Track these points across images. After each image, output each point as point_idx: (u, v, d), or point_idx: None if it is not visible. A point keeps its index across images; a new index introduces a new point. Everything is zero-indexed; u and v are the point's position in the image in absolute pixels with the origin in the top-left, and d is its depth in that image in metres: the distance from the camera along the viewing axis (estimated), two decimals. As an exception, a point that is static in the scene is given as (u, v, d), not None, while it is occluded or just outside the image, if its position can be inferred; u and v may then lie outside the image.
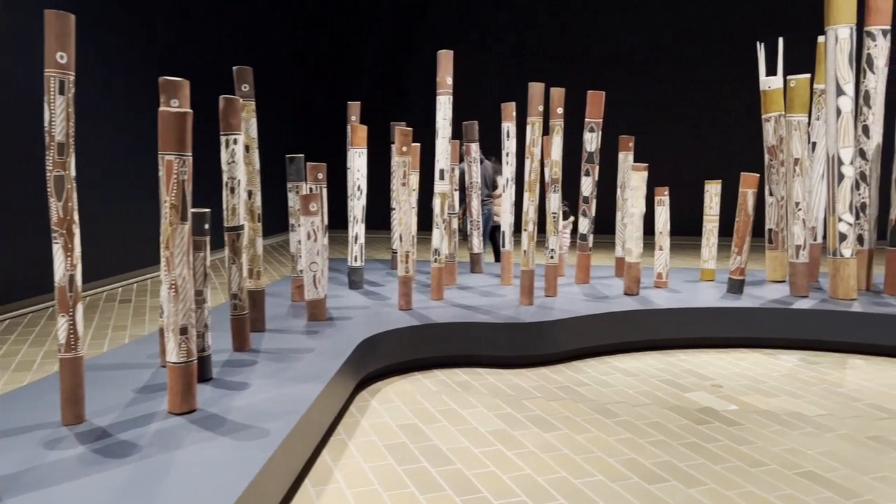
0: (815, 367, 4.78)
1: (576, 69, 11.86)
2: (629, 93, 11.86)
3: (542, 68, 11.93)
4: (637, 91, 12.16)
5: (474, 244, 6.53)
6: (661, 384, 4.41)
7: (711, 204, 6.12)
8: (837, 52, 5.28)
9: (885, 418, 3.85)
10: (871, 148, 5.64)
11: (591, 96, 5.88)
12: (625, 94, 11.51)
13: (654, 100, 12.31)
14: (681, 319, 5.19)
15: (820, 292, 5.68)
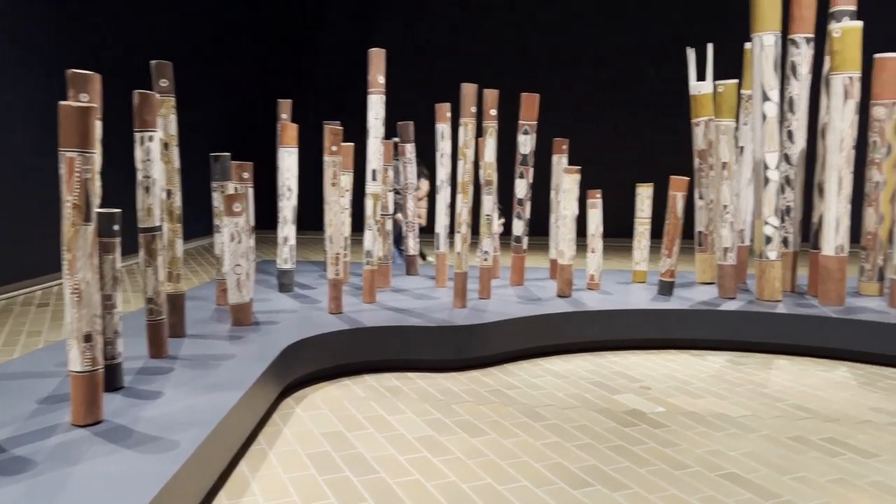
0: (741, 368, 4.86)
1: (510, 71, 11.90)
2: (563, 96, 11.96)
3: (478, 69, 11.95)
4: (571, 94, 12.27)
5: (410, 246, 6.45)
6: (591, 386, 4.42)
7: (643, 207, 6.18)
8: (763, 59, 5.39)
9: (806, 418, 3.92)
10: (796, 153, 5.79)
11: (525, 98, 5.87)
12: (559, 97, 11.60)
13: (588, 103, 12.45)
14: (612, 321, 5.21)
15: (747, 294, 5.80)
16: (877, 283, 5.81)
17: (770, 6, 5.33)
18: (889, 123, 5.47)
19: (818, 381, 4.61)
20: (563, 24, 12.73)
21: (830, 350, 5.08)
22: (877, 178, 5.61)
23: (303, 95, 10.91)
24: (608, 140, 12.31)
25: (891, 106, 5.44)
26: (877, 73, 5.45)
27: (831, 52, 5.43)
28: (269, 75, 13.08)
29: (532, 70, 12.23)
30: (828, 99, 5.57)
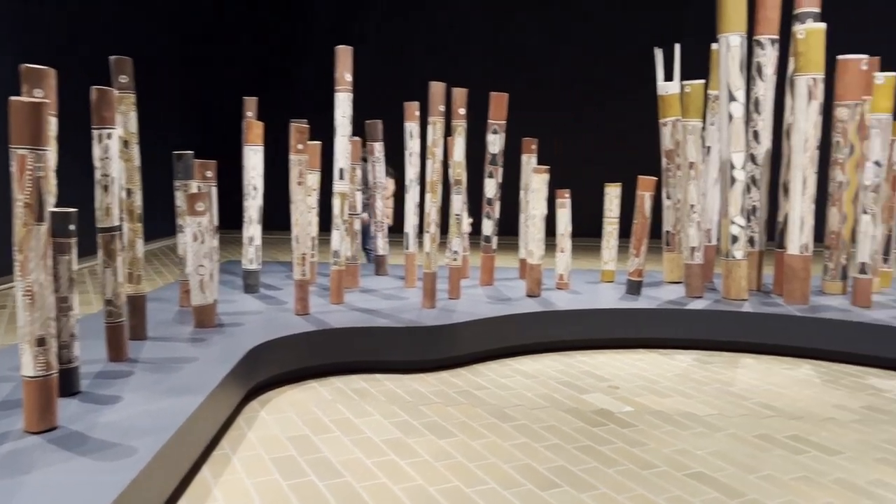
0: (707, 367, 4.89)
1: (480, 71, 11.89)
2: (533, 95, 11.98)
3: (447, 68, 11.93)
4: (541, 94, 12.29)
5: (378, 245, 6.40)
6: (560, 386, 4.41)
7: (611, 206, 6.20)
8: (729, 60, 5.44)
9: (771, 416, 3.95)
10: (761, 153, 5.85)
11: (494, 98, 5.85)
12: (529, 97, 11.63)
13: (558, 103, 12.48)
14: (581, 321, 5.22)
15: (714, 293, 5.84)
16: (840, 282, 5.90)
17: (736, 7, 5.38)
18: (852, 124, 5.54)
19: (783, 379, 4.66)
20: (533, 24, 12.77)
21: (795, 348, 5.13)
22: (840, 178, 5.69)
23: (271, 93, 10.78)
24: (577, 140, 12.35)
25: (853, 107, 5.52)
26: (839, 74, 5.53)
27: (796, 53, 5.50)
28: (237, 72, 12.91)
29: (501, 70, 12.23)
30: (792, 100, 5.64)
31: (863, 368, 4.86)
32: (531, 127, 7.07)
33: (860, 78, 5.48)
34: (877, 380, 4.64)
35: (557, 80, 12.61)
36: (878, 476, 3.19)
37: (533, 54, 12.66)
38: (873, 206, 5.47)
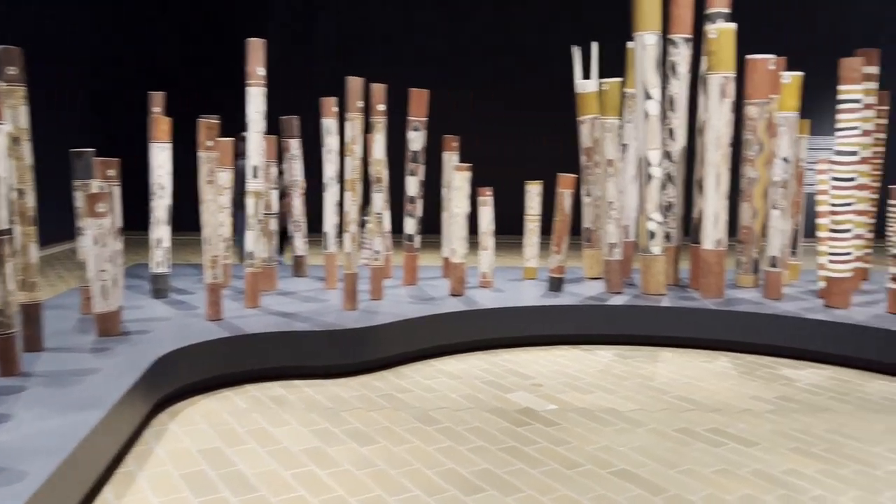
0: (628, 362, 4.94)
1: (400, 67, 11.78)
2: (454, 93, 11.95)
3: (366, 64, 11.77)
4: (462, 91, 12.26)
5: (298, 246, 6.21)
6: (484, 386, 4.35)
7: (532, 204, 6.21)
8: (644, 58, 5.51)
9: (691, 409, 4.01)
10: (677, 150, 5.96)
11: (415, 94, 5.75)
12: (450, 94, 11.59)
13: (479, 100, 12.47)
14: (504, 319, 5.18)
15: (633, 288, 5.92)
16: (752, 275, 6.08)
17: (651, 6, 5.45)
18: (761, 122, 5.72)
19: (701, 371, 4.75)
20: (453, 21, 12.73)
21: (712, 341, 5.25)
22: (751, 174, 5.86)
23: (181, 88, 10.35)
24: (499, 137, 12.37)
25: (762, 105, 5.69)
26: (749, 73, 5.69)
27: (708, 52, 5.62)
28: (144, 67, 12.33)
29: (422, 66, 12.13)
30: (706, 98, 5.77)
31: (776, 359, 5.01)
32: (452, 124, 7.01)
33: (768, 77, 5.66)
34: (789, 370, 4.78)
35: (479, 77, 12.61)
36: (791, 465, 3.26)
37: (454, 51, 12.63)
38: (782, 201, 5.65)
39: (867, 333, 4.76)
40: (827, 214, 5.52)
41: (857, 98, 5.21)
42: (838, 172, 5.24)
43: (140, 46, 12.43)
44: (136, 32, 12.50)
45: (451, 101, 11.98)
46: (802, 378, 4.61)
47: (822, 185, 5.74)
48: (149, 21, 12.52)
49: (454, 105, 11.58)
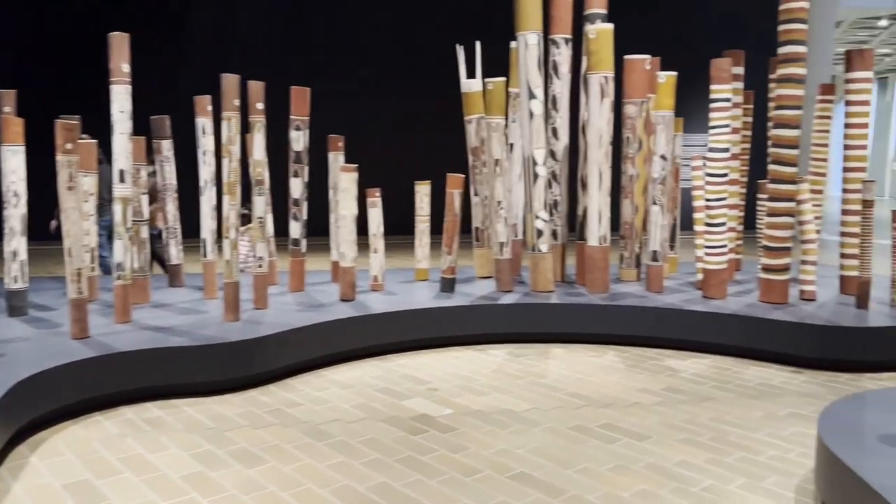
0: (521, 360, 4.95)
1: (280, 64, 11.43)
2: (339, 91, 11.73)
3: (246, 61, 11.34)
4: (347, 89, 12.05)
5: (172, 254, 5.83)
6: (378, 394, 4.22)
7: (422, 204, 6.12)
8: (528, 58, 5.54)
9: (583, 406, 4.04)
10: (560, 149, 6.04)
11: (296, 93, 5.53)
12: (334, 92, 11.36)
13: (365, 99, 12.30)
14: (397, 323, 5.06)
15: (523, 286, 5.96)
16: (635, 270, 6.26)
17: (532, 6, 5.49)
18: (639, 121, 5.89)
19: (591, 366, 4.82)
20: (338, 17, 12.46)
21: (600, 335, 5.35)
22: (631, 171, 6.03)
23: (38, 86, 9.56)
24: (386, 137, 12.25)
25: (640, 104, 5.87)
26: (627, 73, 5.85)
27: (588, 52, 5.73)
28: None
29: (305, 63, 11.80)
30: (587, 97, 5.88)
31: (660, 351, 5.17)
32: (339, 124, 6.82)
33: (645, 77, 5.84)
34: (673, 361, 4.94)
35: (365, 76, 12.40)
36: (682, 457, 3.33)
37: (340, 48, 12.36)
38: (661, 197, 5.85)
39: (742, 322, 4.99)
40: (702, 209, 5.76)
41: (727, 97, 5.46)
42: (712, 168, 5.47)
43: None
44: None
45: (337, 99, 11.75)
46: (686, 368, 4.78)
47: (697, 180, 5.99)
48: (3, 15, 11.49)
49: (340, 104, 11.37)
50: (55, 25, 11.69)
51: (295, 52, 12.10)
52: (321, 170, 6.11)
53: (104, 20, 8.21)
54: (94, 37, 7.41)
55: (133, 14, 11.40)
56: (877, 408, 3.20)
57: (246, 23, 12.21)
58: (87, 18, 11.55)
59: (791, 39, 5.12)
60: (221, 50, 11.84)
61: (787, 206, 5.29)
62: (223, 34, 12.07)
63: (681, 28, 12.99)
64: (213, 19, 12.08)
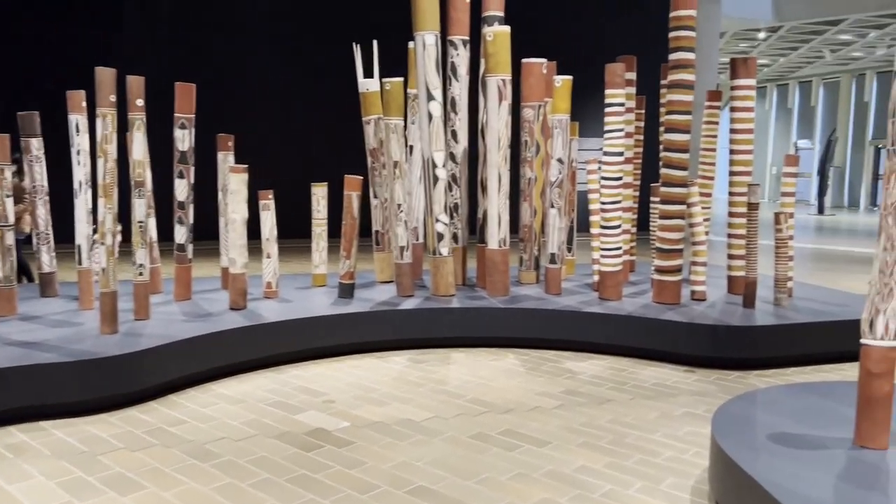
0: (422, 367, 4.83)
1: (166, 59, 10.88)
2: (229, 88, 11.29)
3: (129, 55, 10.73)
4: (238, 86, 11.61)
5: (44, 262, 5.36)
6: (270, 408, 3.99)
7: (319, 207, 5.92)
8: (426, 59, 5.45)
9: (484, 412, 3.97)
10: (460, 151, 5.98)
11: (180, 89, 5.20)
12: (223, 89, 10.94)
13: (258, 96, 11.87)
14: (292, 331, 4.84)
15: (424, 290, 5.86)
16: (534, 272, 6.29)
17: (429, 6, 5.40)
18: (537, 124, 5.91)
19: (492, 371, 4.77)
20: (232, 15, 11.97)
21: (500, 339, 5.32)
22: (529, 174, 6.05)
23: None
24: (281, 136, 11.87)
25: (537, 108, 5.89)
26: (524, 77, 5.86)
27: (485, 55, 5.69)
28: None
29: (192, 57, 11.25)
30: (485, 100, 5.84)
31: (559, 353, 5.18)
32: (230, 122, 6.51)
33: (541, 80, 5.86)
34: (572, 363, 4.96)
35: (258, 72, 11.97)
36: (582, 462, 3.30)
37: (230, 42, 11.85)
38: (558, 200, 5.89)
39: (637, 323, 5.07)
40: (597, 212, 5.84)
41: (621, 102, 5.55)
42: (607, 172, 5.55)
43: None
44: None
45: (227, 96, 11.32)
46: (584, 370, 4.80)
47: (593, 184, 6.07)
48: None
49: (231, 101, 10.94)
50: None
51: (181, 44, 11.50)
52: (211, 170, 5.79)
53: None
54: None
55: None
56: (766, 407, 3.28)
57: (130, 12, 11.54)
58: None
59: (680, 46, 5.26)
60: (101, 41, 11.11)
61: (678, 208, 5.43)
62: (105, 24, 11.35)
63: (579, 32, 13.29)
64: (94, 7, 11.34)
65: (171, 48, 11.39)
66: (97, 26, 11.24)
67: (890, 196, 2.64)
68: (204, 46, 11.64)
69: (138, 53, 11.09)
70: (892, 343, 2.67)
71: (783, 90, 32.58)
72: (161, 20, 11.66)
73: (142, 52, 11.13)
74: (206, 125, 5.62)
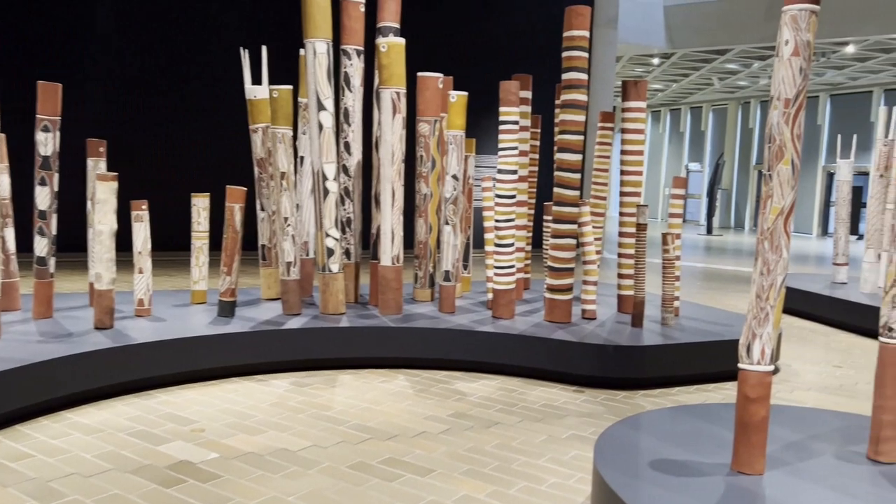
0: (305, 391, 4.58)
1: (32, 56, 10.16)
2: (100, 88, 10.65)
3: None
4: (110, 87, 10.94)
5: None
6: (131, 439, 3.65)
7: (199, 219, 5.57)
8: (317, 67, 5.24)
9: (367, 439, 3.77)
10: (353, 164, 5.79)
11: (43, 89, 4.77)
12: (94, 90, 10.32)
13: (132, 99, 11.19)
14: (163, 353, 4.49)
15: (313, 308, 5.61)
16: (429, 290, 6.15)
17: (321, 13, 5.20)
18: (432, 139, 5.80)
19: (379, 394, 4.57)
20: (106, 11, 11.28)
21: (391, 359, 5.14)
22: (424, 190, 5.92)
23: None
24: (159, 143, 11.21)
25: (432, 123, 5.78)
26: (420, 90, 5.74)
27: (379, 66, 5.54)
28: None
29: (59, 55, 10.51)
30: (379, 112, 5.68)
31: (451, 373, 5.05)
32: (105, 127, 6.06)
33: (437, 95, 5.76)
34: (462, 384, 4.83)
35: (131, 71, 11.23)
36: (465, 491, 3.16)
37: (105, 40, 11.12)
38: (453, 217, 5.79)
39: (527, 342, 5.01)
40: (492, 229, 5.78)
41: (516, 119, 5.52)
42: (501, 189, 5.49)
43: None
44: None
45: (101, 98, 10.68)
46: (475, 391, 4.68)
47: (488, 201, 6.00)
48: None
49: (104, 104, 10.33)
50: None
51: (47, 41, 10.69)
52: (79, 178, 5.35)
53: None
54: None
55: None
56: (648, 431, 3.24)
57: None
58: None
59: (573, 66, 5.28)
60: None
61: (570, 227, 5.43)
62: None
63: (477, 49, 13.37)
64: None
65: (36, 43, 10.58)
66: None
67: (766, 221, 2.65)
68: (74, 40, 10.89)
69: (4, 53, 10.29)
70: (768, 368, 2.67)
71: (676, 115, 34.16)
72: (39, 14, 10.87)
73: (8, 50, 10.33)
74: (77, 129, 5.18)
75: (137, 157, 10.26)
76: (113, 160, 5.40)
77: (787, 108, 2.58)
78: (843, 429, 3.28)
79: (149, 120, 11.14)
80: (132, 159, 6.79)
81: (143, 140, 10.79)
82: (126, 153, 6.68)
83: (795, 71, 2.57)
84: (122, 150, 5.89)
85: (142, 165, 10.27)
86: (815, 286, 8.25)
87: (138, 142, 10.57)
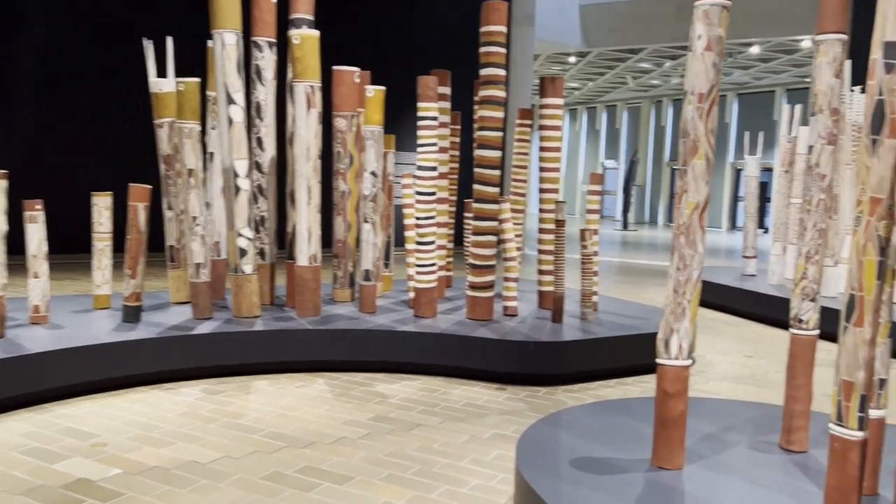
0: (217, 398, 4.37)
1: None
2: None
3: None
4: (1, 80, 10.26)
5: None
6: (24, 457, 3.37)
7: (101, 220, 5.25)
8: (225, 59, 5.01)
9: (282, 448, 3.61)
10: (266, 160, 5.57)
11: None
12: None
13: (28, 92, 10.51)
14: (58, 363, 4.18)
15: (226, 311, 5.37)
16: (349, 289, 6.00)
17: (229, 3, 4.98)
18: (350, 135, 5.65)
19: (296, 399, 4.41)
20: (8, 1, 10.58)
21: (309, 363, 4.97)
22: (343, 187, 5.76)
23: None
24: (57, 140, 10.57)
25: (350, 118, 5.63)
26: (336, 85, 5.58)
27: (293, 59, 5.36)
28: None
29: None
30: (293, 107, 5.49)
31: (372, 375, 4.93)
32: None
33: (354, 89, 5.62)
34: (383, 386, 4.72)
35: (29, 66, 10.56)
36: (385, 499, 3.05)
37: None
38: (373, 215, 5.66)
39: (449, 341, 4.94)
40: (412, 227, 5.68)
41: (434, 115, 5.43)
42: (421, 187, 5.40)
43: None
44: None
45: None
46: (396, 393, 4.58)
47: (408, 198, 5.90)
48: None
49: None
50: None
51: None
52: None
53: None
54: None
55: None
56: (570, 429, 3.22)
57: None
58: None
59: (491, 62, 5.24)
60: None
61: (491, 224, 5.39)
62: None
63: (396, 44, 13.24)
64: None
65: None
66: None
67: (681, 216, 2.65)
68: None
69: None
70: (685, 362, 2.68)
71: (592, 113, 34.97)
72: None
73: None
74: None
75: (32, 154, 9.65)
76: (2, 157, 5.00)
77: (701, 102, 2.59)
78: (756, 419, 3.35)
79: (45, 114, 10.47)
80: (26, 156, 6.31)
81: (37, 135, 10.14)
82: (18, 149, 6.21)
83: (708, 65, 2.58)
84: (14, 145, 5.48)
85: (36, 162, 9.66)
86: (726, 279, 8.54)
87: (32, 137, 9.91)
